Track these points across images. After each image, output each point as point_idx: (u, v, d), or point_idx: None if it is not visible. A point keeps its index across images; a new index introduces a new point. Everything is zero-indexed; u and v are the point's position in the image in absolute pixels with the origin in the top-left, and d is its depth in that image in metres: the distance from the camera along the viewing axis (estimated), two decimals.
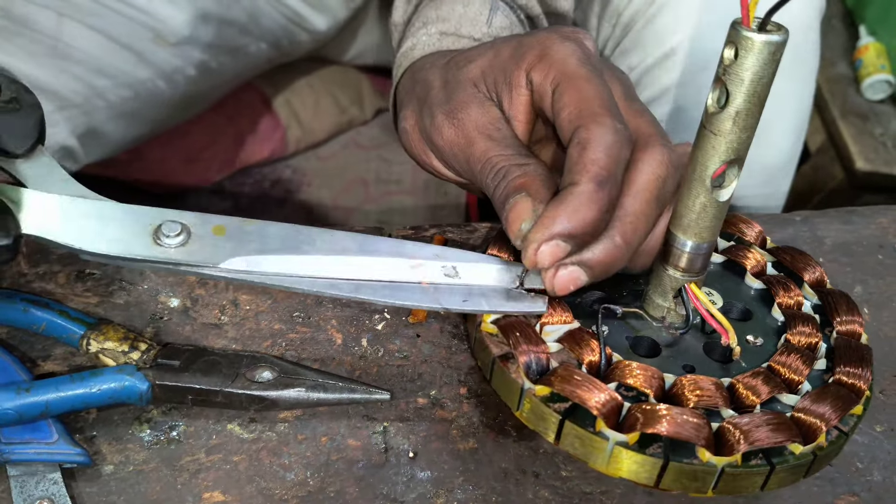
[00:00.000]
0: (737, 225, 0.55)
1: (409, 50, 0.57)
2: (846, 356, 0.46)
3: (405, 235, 0.59)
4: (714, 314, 0.46)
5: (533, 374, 0.44)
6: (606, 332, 0.47)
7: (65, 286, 0.54)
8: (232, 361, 0.49)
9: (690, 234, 0.44)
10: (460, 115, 0.50)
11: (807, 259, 0.52)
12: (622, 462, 0.42)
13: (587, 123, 0.45)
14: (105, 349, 0.49)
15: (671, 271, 0.46)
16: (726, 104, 0.39)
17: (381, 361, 0.51)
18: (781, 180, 0.80)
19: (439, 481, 0.46)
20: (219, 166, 1.15)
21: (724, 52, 0.39)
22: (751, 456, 0.42)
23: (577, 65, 0.47)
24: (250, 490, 0.46)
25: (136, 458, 0.47)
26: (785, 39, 0.38)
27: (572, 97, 0.46)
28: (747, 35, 0.38)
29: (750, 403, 0.44)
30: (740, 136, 0.40)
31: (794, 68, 0.74)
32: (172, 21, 0.82)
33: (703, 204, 0.43)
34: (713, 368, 0.46)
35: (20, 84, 0.47)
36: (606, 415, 0.42)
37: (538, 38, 0.49)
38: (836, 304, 0.49)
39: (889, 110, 1.32)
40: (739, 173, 0.42)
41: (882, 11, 1.37)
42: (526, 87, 0.49)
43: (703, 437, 0.41)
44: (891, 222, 0.60)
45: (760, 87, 0.39)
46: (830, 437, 0.43)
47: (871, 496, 0.46)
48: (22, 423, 0.46)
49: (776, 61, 0.39)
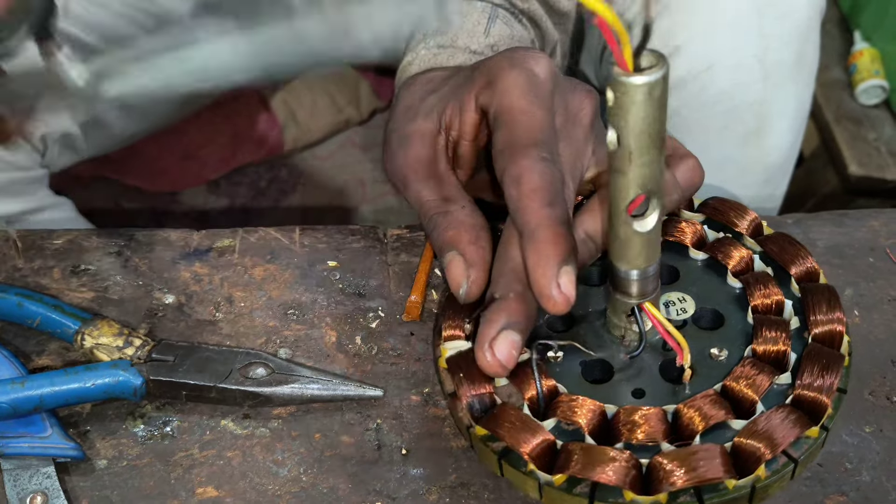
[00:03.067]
0: (728, 215, 0.53)
1: (407, 65, 0.57)
2: (811, 367, 0.45)
3: (399, 235, 0.59)
4: (670, 331, 0.45)
5: (477, 413, 0.45)
6: (560, 358, 0.47)
7: (60, 281, 0.54)
8: (226, 358, 0.49)
9: (624, 263, 0.44)
10: (400, 153, 0.51)
11: (796, 249, 0.51)
12: (554, 499, 0.43)
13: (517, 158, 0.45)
14: (99, 344, 0.49)
15: (619, 296, 0.46)
16: (619, 144, 0.38)
17: (375, 359, 0.52)
18: (780, 180, 0.81)
19: (432, 478, 0.46)
20: (215, 165, 1.15)
21: (607, 94, 0.37)
22: (679, 494, 0.41)
23: (519, 95, 0.47)
24: (243, 486, 0.46)
25: (130, 452, 0.47)
26: (662, 75, 0.36)
27: (506, 128, 0.47)
28: (620, 79, 0.36)
29: (691, 432, 0.43)
30: (642, 172, 0.39)
31: (795, 70, 0.75)
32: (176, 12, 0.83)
33: (627, 235, 0.42)
34: (664, 391, 0.46)
35: None
36: (535, 458, 0.42)
37: (490, 63, 0.49)
38: (816, 303, 0.48)
39: (883, 115, 1.32)
40: (662, 201, 0.41)
41: (876, 17, 1.37)
42: (475, 110, 0.50)
43: (626, 480, 0.41)
44: (882, 225, 0.61)
45: (647, 125, 0.37)
46: (776, 465, 0.42)
47: (859, 496, 0.46)
48: (16, 417, 0.46)
49: (656, 98, 0.37)
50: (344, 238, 0.58)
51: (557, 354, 0.47)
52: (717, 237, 0.53)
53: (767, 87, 0.73)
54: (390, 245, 0.58)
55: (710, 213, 0.54)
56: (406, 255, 0.57)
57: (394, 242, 0.58)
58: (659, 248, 0.44)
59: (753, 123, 0.74)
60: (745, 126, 0.75)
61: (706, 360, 0.47)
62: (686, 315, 0.49)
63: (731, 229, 0.53)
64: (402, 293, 0.55)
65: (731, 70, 0.72)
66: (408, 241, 0.58)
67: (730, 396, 0.45)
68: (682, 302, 0.49)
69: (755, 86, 0.73)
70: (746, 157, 0.76)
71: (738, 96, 0.73)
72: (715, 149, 0.75)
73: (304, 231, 0.59)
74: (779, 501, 0.46)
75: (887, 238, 0.60)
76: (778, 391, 0.45)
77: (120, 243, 0.57)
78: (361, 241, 0.58)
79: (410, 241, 0.58)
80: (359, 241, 0.58)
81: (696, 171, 0.50)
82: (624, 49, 0.36)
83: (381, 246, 0.58)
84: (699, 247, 0.52)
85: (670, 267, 0.51)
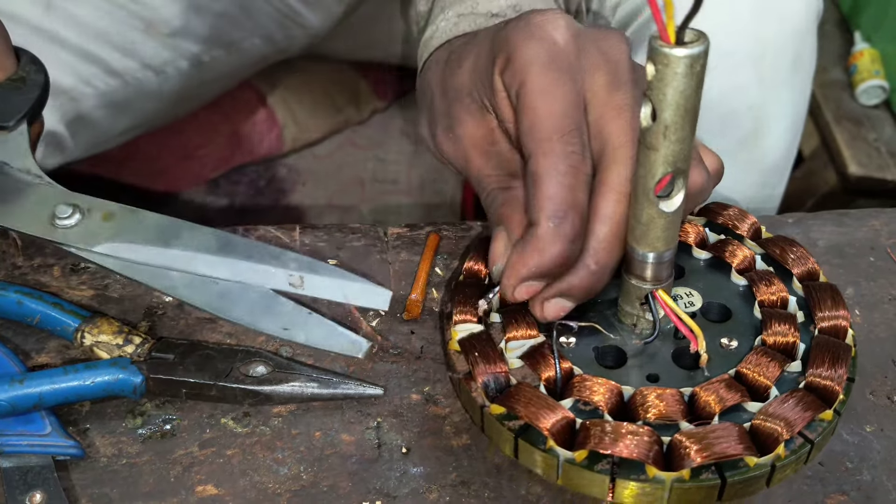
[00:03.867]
0: (729, 217, 0.54)
1: (429, 39, 0.56)
2: (821, 356, 0.45)
3: (400, 233, 0.59)
4: (684, 319, 0.46)
5: (492, 392, 0.45)
6: (573, 344, 0.47)
7: (59, 279, 0.54)
8: (226, 356, 0.49)
9: (644, 245, 0.44)
10: (457, 132, 0.50)
11: (797, 251, 0.51)
12: (573, 478, 0.43)
13: (536, 152, 0.44)
14: (99, 342, 0.49)
15: (634, 281, 0.46)
16: (655, 119, 0.38)
17: (376, 357, 0.51)
18: (777, 182, 0.81)
19: (432, 477, 0.46)
20: (214, 164, 1.15)
21: (647, 67, 0.38)
22: (701, 470, 0.41)
23: (539, 72, 0.45)
24: (243, 484, 0.46)
25: (130, 450, 0.47)
26: (704, 50, 0.37)
27: (526, 115, 0.45)
28: (663, 50, 0.37)
29: (708, 414, 0.43)
30: (675, 149, 0.39)
31: (791, 72, 0.74)
32: (164, 11, 0.82)
33: (651, 216, 0.42)
34: (678, 377, 0.46)
35: (38, 67, 0.52)
36: (556, 434, 0.42)
37: (506, 35, 0.47)
38: (820, 299, 0.48)
39: (883, 115, 1.32)
40: (686, 183, 0.41)
41: (877, 18, 1.38)
42: (504, 90, 0.48)
43: (650, 455, 0.41)
44: (883, 225, 0.61)
45: (685, 100, 0.38)
46: (793, 445, 0.43)
47: (860, 495, 0.46)
48: (15, 414, 0.46)
49: (696, 73, 0.37)
50: (344, 236, 0.58)
51: (570, 340, 0.48)
52: (718, 239, 0.53)
53: (764, 90, 0.73)
54: (391, 243, 0.58)
55: (711, 217, 0.55)
56: (406, 254, 0.57)
57: (394, 241, 0.58)
58: (678, 233, 0.44)
59: (750, 126, 0.74)
60: (742, 129, 0.74)
61: (717, 350, 0.47)
62: (694, 308, 0.50)
63: (731, 232, 0.54)
64: (402, 291, 0.55)
65: (726, 73, 0.71)
66: (408, 240, 0.58)
67: (744, 382, 0.45)
68: (689, 296, 0.50)
69: (751, 89, 0.73)
70: (743, 160, 0.76)
71: (735, 99, 0.73)
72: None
73: (305, 229, 0.59)
74: (780, 500, 0.46)
75: (888, 238, 0.60)
76: (789, 378, 0.46)
77: None
78: (362, 239, 0.58)
79: (411, 240, 0.58)
80: (359, 240, 0.58)
81: (717, 160, 0.50)
82: (668, 21, 0.36)
83: (382, 244, 0.58)
84: (701, 248, 0.53)
85: (675, 264, 0.52)
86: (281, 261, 0.48)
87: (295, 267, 0.48)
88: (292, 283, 0.47)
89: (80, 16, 0.78)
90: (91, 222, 0.48)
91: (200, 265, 0.48)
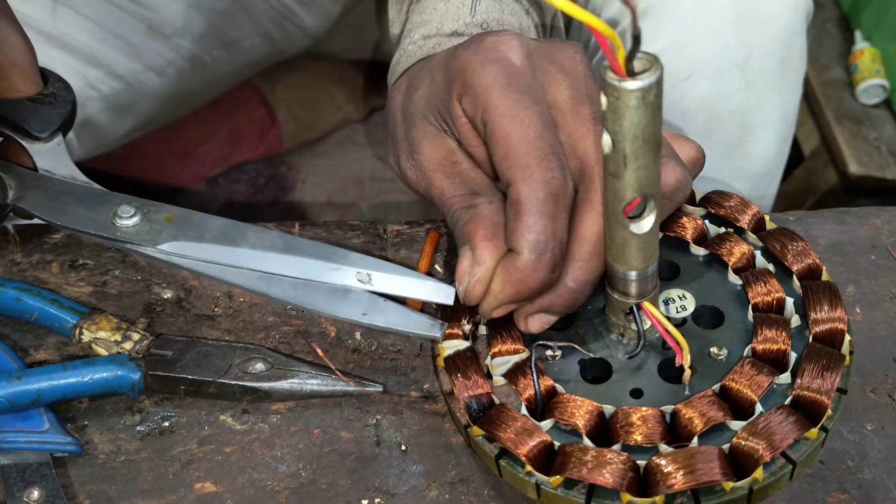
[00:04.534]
0: (730, 209, 0.53)
1: (395, 63, 0.56)
2: (811, 367, 0.44)
3: (399, 230, 0.59)
4: (670, 330, 0.45)
5: (475, 413, 0.45)
6: (559, 357, 0.47)
7: (58, 275, 0.54)
8: (225, 353, 0.49)
9: (622, 264, 0.43)
10: (417, 156, 0.50)
11: (799, 245, 0.50)
12: (551, 500, 0.42)
13: (515, 180, 0.44)
14: (98, 339, 0.49)
15: (617, 296, 0.45)
16: (614, 148, 0.38)
17: (375, 355, 0.51)
18: (767, 186, 0.80)
19: (431, 474, 0.46)
20: (213, 162, 1.15)
21: (601, 98, 0.37)
22: (676, 495, 0.41)
23: (501, 96, 0.45)
24: (242, 481, 0.46)
25: (128, 447, 0.47)
26: (656, 80, 0.36)
27: (499, 142, 0.45)
28: (613, 84, 0.36)
29: (689, 434, 0.42)
30: (639, 175, 0.39)
31: (778, 76, 0.73)
32: (166, 10, 0.82)
33: (624, 238, 0.42)
34: (663, 391, 0.45)
35: (66, 85, 0.56)
36: (532, 459, 0.42)
37: (461, 60, 0.46)
38: (817, 301, 0.47)
39: (883, 115, 1.32)
40: (658, 204, 0.41)
41: (877, 17, 1.37)
42: (462, 115, 0.47)
43: (623, 483, 0.40)
44: (884, 223, 0.61)
45: (640, 130, 0.37)
46: (774, 467, 0.42)
47: (861, 493, 0.46)
48: (13, 411, 0.46)
49: (650, 103, 0.36)
50: (344, 234, 0.58)
51: (556, 353, 0.47)
52: (718, 232, 0.53)
53: (750, 95, 0.72)
54: (390, 241, 0.58)
55: (712, 208, 0.54)
56: (406, 251, 0.57)
57: (394, 238, 0.58)
58: (657, 248, 0.44)
59: (736, 133, 0.73)
60: (728, 136, 0.73)
61: (705, 359, 0.46)
62: (686, 313, 0.49)
63: (732, 224, 0.53)
64: None
65: (711, 78, 0.70)
66: (408, 237, 0.58)
67: (729, 396, 0.44)
68: (682, 299, 0.49)
69: (737, 94, 0.71)
70: (730, 167, 0.74)
71: (720, 105, 0.72)
72: None
73: (304, 226, 0.58)
74: (780, 499, 0.46)
75: (889, 236, 0.60)
76: (778, 391, 0.45)
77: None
78: (361, 236, 0.58)
79: (410, 237, 0.58)
80: (359, 237, 0.58)
81: (694, 147, 0.49)
82: (617, 53, 0.35)
83: (381, 242, 0.58)
84: (700, 242, 0.52)
85: (670, 263, 0.51)
86: (348, 259, 0.50)
87: (361, 265, 0.50)
88: (360, 279, 0.49)
89: (85, 20, 0.79)
90: (153, 223, 0.51)
91: (271, 264, 0.50)
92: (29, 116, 0.53)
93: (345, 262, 0.50)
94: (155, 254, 0.51)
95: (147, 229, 0.51)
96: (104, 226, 0.51)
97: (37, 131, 0.53)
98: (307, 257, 0.50)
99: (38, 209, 0.52)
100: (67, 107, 0.55)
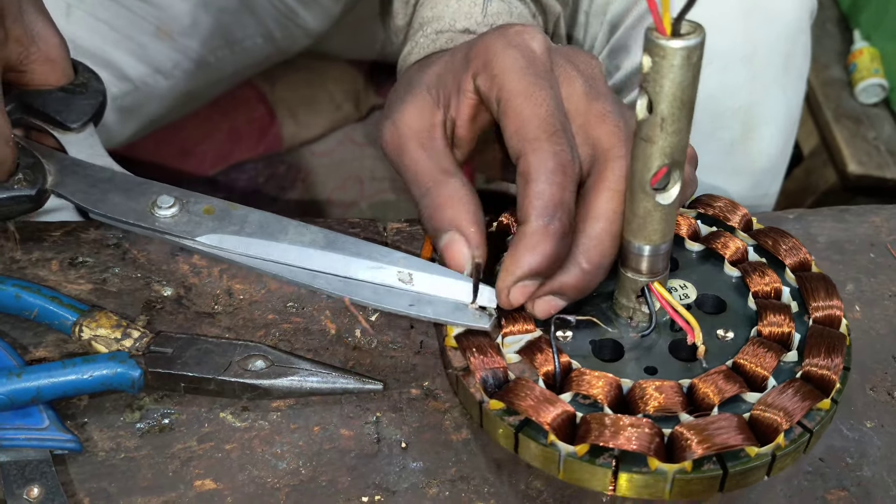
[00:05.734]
0: (720, 209, 0.54)
1: (407, 55, 0.57)
2: (817, 346, 0.46)
3: (399, 228, 0.59)
4: (680, 311, 0.46)
5: (491, 388, 0.45)
6: (570, 338, 0.48)
7: (58, 273, 0.54)
8: (225, 350, 0.49)
9: (641, 238, 0.44)
10: (399, 121, 0.50)
11: (789, 241, 0.52)
12: (574, 472, 0.42)
13: (525, 152, 0.45)
14: (97, 336, 0.49)
15: (630, 274, 0.46)
16: (652, 111, 0.39)
17: (375, 352, 0.51)
18: (770, 184, 0.80)
19: (431, 472, 0.46)
20: (213, 161, 1.15)
21: (643, 59, 0.38)
22: (703, 461, 0.42)
23: (518, 77, 0.46)
24: (242, 478, 0.46)
25: (128, 445, 0.47)
26: (700, 41, 0.37)
27: (511, 118, 0.46)
28: (659, 42, 0.37)
29: (707, 405, 0.43)
30: (671, 141, 0.40)
31: (783, 73, 0.73)
32: (174, 9, 0.82)
33: (647, 209, 0.42)
34: (676, 369, 0.46)
35: (96, 76, 0.57)
36: (557, 428, 0.42)
37: (485, 42, 0.48)
38: (814, 290, 0.49)
39: (882, 114, 1.32)
40: (682, 175, 0.41)
41: (876, 17, 1.38)
42: (473, 91, 0.49)
43: (651, 447, 0.41)
44: (883, 221, 0.61)
45: (681, 91, 0.38)
46: (793, 434, 0.43)
47: (860, 491, 0.46)
48: (13, 408, 0.46)
49: (693, 65, 0.38)
50: (344, 231, 0.58)
51: (567, 334, 0.48)
52: (710, 231, 0.54)
53: (754, 91, 0.72)
54: (390, 238, 0.58)
55: (703, 208, 0.55)
56: (406, 249, 0.57)
57: (394, 236, 0.58)
58: (674, 225, 0.45)
59: (739, 129, 0.73)
60: (732, 132, 0.73)
61: (713, 341, 0.47)
62: (689, 300, 0.50)
63: (723, 223, 0.54)
64: None
65: (715, 74, 0.70)
66: (408, 235, 0.58)
67: (741, 373, 0.45)
68: (683, 288, 0.50)
69: (742, 90, 0.72)
70: (733, 163, 0.75)
71: (724, 101, 0.72)
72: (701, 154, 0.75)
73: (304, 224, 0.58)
74: (780, 496, 0.46)
75: (888, 234, 0.60)
76: (785, 369, 0.46)
77: (118, 235, 0.57)
78: (361, 234, 0.58)
79: (410, 235, 0.58)
80: (358, 235, 0.58)
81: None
82: (664, 13, 0.36)
83: (381, 239, 0.58)
84: (694, 240, 0.53)
85: None
86: (390, 258, 0.50)
87: (404, 264, 0.50)
88: (402, 279, 0.49)
89: (97, 22, 0.79)
90: (192, 214, 0.52)
91: (312, 260, 0.50)
92: (61, 107, 0.53)
93: (387, 261, 0.50)
94: (195, 246, 0.51)
95: (186, 220, 0.51)
96: (143, 215, 0.51)
97: (69, 122, 0.53)
98: (349, 255, 0.50)
99: (76, 196, 0.52)
100: (98, 97, 0.55)
